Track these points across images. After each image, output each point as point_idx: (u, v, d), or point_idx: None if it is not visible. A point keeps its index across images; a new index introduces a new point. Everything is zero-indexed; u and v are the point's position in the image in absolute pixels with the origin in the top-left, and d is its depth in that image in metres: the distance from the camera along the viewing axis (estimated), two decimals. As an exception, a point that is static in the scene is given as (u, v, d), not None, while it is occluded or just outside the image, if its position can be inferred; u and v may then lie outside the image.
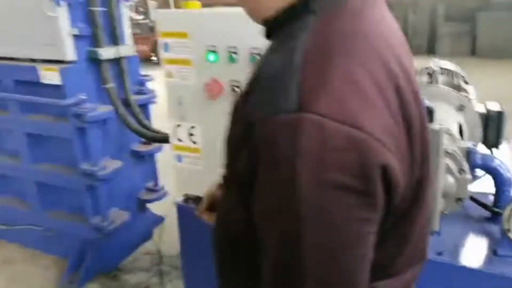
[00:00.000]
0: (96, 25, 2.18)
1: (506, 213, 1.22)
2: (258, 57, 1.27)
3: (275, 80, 0.50)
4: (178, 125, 1.52)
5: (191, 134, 1.50)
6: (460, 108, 1.54)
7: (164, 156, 2.72)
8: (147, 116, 2.59)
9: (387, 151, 0.47)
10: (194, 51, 1.36)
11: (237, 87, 1.33)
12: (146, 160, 2.76)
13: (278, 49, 0.54)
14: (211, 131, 1.46)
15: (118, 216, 2.53)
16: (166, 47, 1.40)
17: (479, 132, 1.59)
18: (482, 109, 1.64)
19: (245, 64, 1.28)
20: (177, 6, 6.06)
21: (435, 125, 1.08)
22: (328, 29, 0.51)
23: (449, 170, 1.21)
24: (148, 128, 2.43)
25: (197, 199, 1.65)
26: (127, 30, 2.41)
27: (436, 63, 1.89)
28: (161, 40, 1.41)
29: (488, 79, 7.57)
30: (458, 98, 1.52)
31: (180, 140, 1.53)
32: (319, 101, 0.45)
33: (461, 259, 1.19)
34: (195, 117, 1.47)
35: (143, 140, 2.66)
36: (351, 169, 0.45)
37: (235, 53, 1.28)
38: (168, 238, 2.83)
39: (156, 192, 2.81)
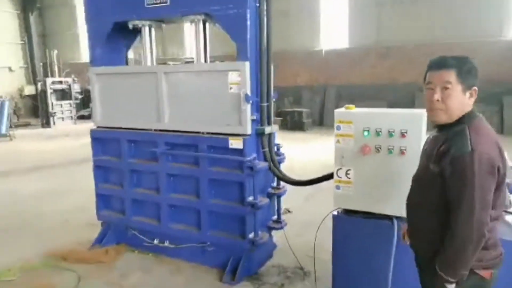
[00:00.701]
0: (263, 113, 3.63)
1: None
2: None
3: (463, 145, 1.78)
4: (339, 169, 2.82)
5: (347, 174, 2.79)
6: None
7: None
8: (280, 170, 3.92)
9: (499, 162, 1.76)
10: (355, 130, 2.71)
11: (380, 148, 2.64)
12: (273, 199, 4.03)
13: (456, 137, 1.83)
14: (361, 172, 2.76)
15: (262, 235, 3.77)
16: (339, 128, 2.76)
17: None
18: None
19: (385, 137, 2.61)
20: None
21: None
22: (473, 129, 1.83)
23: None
24: (287, 176, 3.76)
25: (346, 211, 2.89)
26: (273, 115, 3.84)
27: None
28: (336, 124, 2.77)
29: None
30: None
31: (339, 177, 2.83)
32: (478, 148, 1.75)
33: None
34: (350, 164, 2.78)
35: (273, 185, 3.98)
36: (491, 168, 1.75)
37: (380, 131, 2.62)
38: (286, 254, 4.01)
39: (279, 223, 4.04)
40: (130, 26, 4.05)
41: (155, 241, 4.18)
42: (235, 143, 3.57)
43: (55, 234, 4.91)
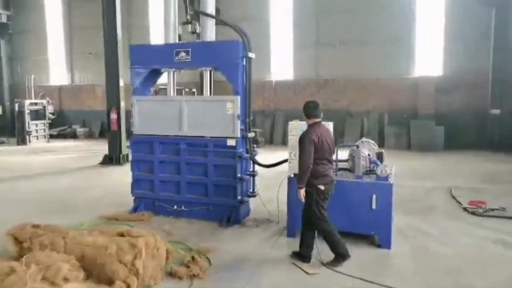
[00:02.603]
0: (247, 125, 6.22)
1: (378, 170, 5.18)
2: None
3: (304, 134, 4.64)
4: (291, 152, 5.46)
5: (295, 155, 5.43)
6: (371, 149, 5.59)
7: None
8: (255, 160, 6.51)
9: (316, 140, 4.55)
10: (298, 132, 5.35)
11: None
12: (250, 178, 6.58)
13: (307, 130, 4.66)
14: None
15: (245, 198, 6.31)
16: (291, 131, 5.40)
17: (375, 156, 5.62)
18: (378, 150, 5.70)
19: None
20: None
21: (364, 152, 5.11)
22: (313, 128, 4.65)
23: (364, 158, 5.23)
24: (260, 162, 6.35)
25: (294, 174, 5.52)
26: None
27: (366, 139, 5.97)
28: (289, 129, 5.42)
29: (418, 162, 12.11)
30: (373, 146, 5.59)
31: (291, 157, 5.46)
32: (310, 133, 4.58)
33: (366, 179, 5.14)
34: (296, 150, 5.42)
35: (250, 170, 6.54)
36: (311, 140, 4.54)
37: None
38: (258, 213, 6.54)
39: (254, 193, 6.59)
40: (162, 71, 6.54)
41: (175, 207, 6.53)
42: (231, 142, 6.12)
43: (96, 209, 7.05)
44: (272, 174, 7.27)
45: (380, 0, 16.26)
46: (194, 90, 15.01)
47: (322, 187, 4.63)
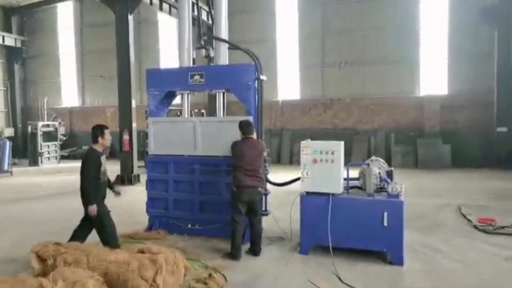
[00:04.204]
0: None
1: (389, 188, 5.32)
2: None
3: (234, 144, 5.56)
4: (303, 171, 5.61)
5: (307, 173, 5.57)
6: (381, 167, 5.74)
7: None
8: (267, 179, 6.66)
9: (236, 149, 5.71)
10: (311, 151, 5.52)
11: (322, 160, 5.47)
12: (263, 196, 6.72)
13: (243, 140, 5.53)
14: (313, 172, 5.55)
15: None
16: (303, 150, 5.57)
17: (385, 174, 5.77)
18: (388, 169, 5.86)
19: (325, 154, 5.45)
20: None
21: (375, 170, 5.27)
22: (240, 141, 5.57)
23: (375, 176, 5.37)
24: (273, 181, 6.50)
25: (309, 193, 5.66)
26: (263, 146, 6.63)
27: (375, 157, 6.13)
28: (301, 148, 5.59)
29: (426, 180, 12.17)
30: (383, 164, 5.75)
31: (303, 175, 5.61)
32: (234, 144, 5.66)
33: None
34: (308, 168, 5.55)
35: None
36: (234, 150, 6.01)
37: (322, 151, 5.46)
38: (271, 231, 6.65)
39: (267, 211, 6.71)
40: (177, 93, 6.79)
41: (189, 225, 6.67)
42: (244, 162, 6.28)
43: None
44: (283, 192, 7.40)
45: (385, 20, 16.66)
46: (203, 111, 15.30)
47: (234, 189, 5.61)
